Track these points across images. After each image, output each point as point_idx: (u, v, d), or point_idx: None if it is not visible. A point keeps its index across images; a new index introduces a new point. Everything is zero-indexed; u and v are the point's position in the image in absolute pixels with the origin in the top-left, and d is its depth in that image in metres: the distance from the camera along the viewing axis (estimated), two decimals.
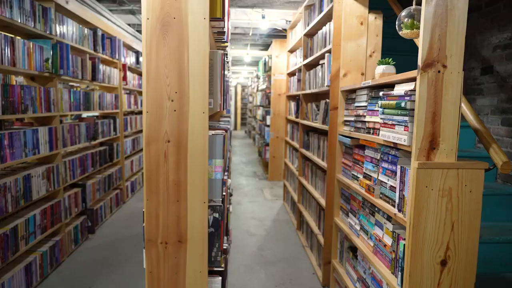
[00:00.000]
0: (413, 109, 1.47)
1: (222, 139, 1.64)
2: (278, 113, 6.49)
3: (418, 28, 1.65)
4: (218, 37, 2.00)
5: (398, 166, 1.62)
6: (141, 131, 6.40)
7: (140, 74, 6.32)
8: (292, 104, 4.62)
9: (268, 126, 6.84)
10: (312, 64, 3.69)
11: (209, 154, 1.63)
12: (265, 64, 7.44)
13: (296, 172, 4.18)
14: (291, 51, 4.87)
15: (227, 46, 2.35)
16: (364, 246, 2.04)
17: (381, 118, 1.75)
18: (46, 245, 3.01)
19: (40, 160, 3.15)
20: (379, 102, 1.78)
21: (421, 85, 1.42)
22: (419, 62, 1.42)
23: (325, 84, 2.86)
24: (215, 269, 1.74)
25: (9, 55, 2.48)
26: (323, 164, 2.98)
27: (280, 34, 6.15)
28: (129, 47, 5.43)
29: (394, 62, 1.89)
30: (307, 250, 3.52)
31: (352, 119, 2.30)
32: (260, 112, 8.19)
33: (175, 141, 1.59)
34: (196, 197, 1.62)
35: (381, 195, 1.85)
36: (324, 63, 3.03)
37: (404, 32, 1.68)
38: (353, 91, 2.31)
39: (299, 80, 4.13)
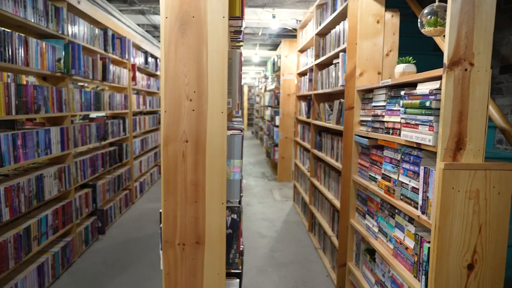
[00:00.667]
0: (439, 109, 1.43)
1: (241, 139, 1.61)
2: (287, 113, 6.45)
3: (442, 25, 1.61)
4: (234, 36, 1.97)
5: (421, 167, 1.58)
6: (149, 131, 6.40)
7: (148, 74, 6.32)
8: (303, 104, 4.58)
9: (277, 126, 6.80)
10: (325, 64, 3.65)
11: (228, 154, 1.60)
12: (274, 64, 7.41)
13: (308, 173, 4.14)
14: (302, 50, 4.83)
15: (241, 46, 2.32)
16: (383, 248, 2.00)
17: (402, 118, 1.71)
18: (57, 245, 3.00)
19: (52, 160, 3.14)
20: (401, 101, 1.74)
21: (447, 84, 1.38)
22: (445, 60, 1.38)
23: (340, 84, 2.82)
24: (232, 271, 1.71)
25: (22, 55, 2.47)
26: (337, 165, 2.94)
27: (289, 34, 6.12)
28: (138, 47, 5.43)
29: (414, 61, 1.85)
30: (320, 252, 3.48)
31: (369, 119, 2.26)
32: (268, 112, 8.15)
33: (194, 141, 1.56)
34: (214, 198, 1.59)
35: (401, 197, 1.81)
36: (337, 63, 2.99)
37: (427, 30, 1.64)
38: (370, 90, 2.27)
39: (310, 80, 4.09)
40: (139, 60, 5.41)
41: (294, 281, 2.98)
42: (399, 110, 1.83)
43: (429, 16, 1.62)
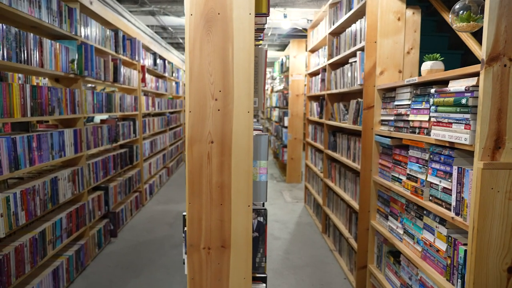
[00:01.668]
0: (476, 106, 1.38)
1: (267, 139, 1.57)
2: (296, 114, 6.40)
3: (475, 20, 1.55)
4: (256, 34, 1.92)
5: (454, 167, 1.53)
6: (158, 133, 6.37)
7: (156, 76, 6.29)
8: (315, 105, 4.53)
9: (285, 127, 6.75)
10: (339, 63, 3.60)
11: (254, 155, 1.55)
12: (282, 64, 7.36)
13: (321, 174, 4.09)
14: (312, 50, 4.78)
15: (260, 44, 2.28)
16: (410, 251, 1.94)
17: (432, 117, 1.66)
18: (71, 249, 2.96)
19: (65, 163, 3.11)
20: (431, 99, 1.68)
21: (486, 80, 1.33)
22: (483, 56, 1.33)
23: (357, 83, 2.77)
24: (258, 275, 1.66)
25: (37, 56, 2.44)
26: (355, 165, 2.88)
27: (298, 34, 6.07)
28: (147, 49, 5.40)
29: (442, 58, 1.80)
30: (336, 254, 3.43)
31: (392, 118, 2.20)
32: (276, 113, 8.10)
33: (219, 141, 1.51)
34: (240, 200, 1.54)
35: (430, 198, 1.75)
36: (354, 62, 2.94)
37: (460, 25, 1.59)
38: (392, 89, 2.22)
39: (323, 80, 4.04)
40: (148, 61, 5.38)
41: (311, 284, 2.93)
42: (427, 108, 1.78)
43: (462, 11, 1.56)
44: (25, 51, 2.30)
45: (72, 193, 2.93)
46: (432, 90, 1.65)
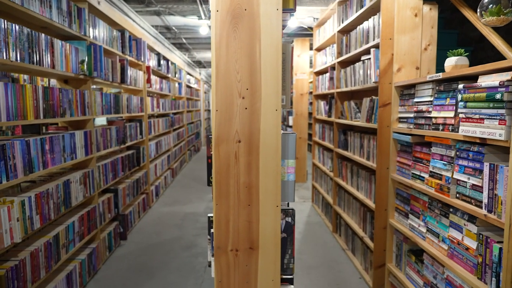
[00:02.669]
0: (511, 101, 1.35)
1: (294, 138, 1.54)
2: (301, 113, 6.38)
3: (506, 14, 1.53)
4: None
5: (486, 164, 1.50)
6: (162, 134, 6.32)
7: (161, 76, 6.25)
8: (322, 103, 4.50)
9: (290, 126, 6.72)
10: (349, 61, 3.57)
11: (282, 154, 1.52)
12: None
13: (331, 173, 4.06)
14: (319, 49, 4.75)
15: None
16: (434, 249, 1.92)
17: (461, 113, 1.63)
18: (83, 253, 2.92)
19: (75, 165, 3.07)
20: (458, 95, 1.66)
21: None
22: None
23: (372, 81, 2.74)
24: (285, 276, 1.63)
25: (49, 57, 2.40)
26: (369, 163, 2.86)
27: (301, 33, 6.05)
28: (152, 49, 5.35)
29: (467, 53, 1.77)
30: (348, 253, 3.40)
31: (411, 115, 2.18)
32: None
33: (246, 141, 1.48)
34: (268, 200, 1.51)
35: (458, 195, 1.73)
36: (367, 59, 2.91)
37: (489, 20, 1.57)
38: (411, 86, 2.19)
39: (331, 78, 4.02)
40: (152, 62, 5.34)
41: (327, 284, 2.90)
42: (452, 104, 1.75)
43: (491, 5, 1.54)
44: (37, 52, 2.26)
45: (84, 196, 2.89)
46: (460, 86, 1.62)
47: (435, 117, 1.91)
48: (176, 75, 7.37)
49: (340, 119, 3.71)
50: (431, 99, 1.96)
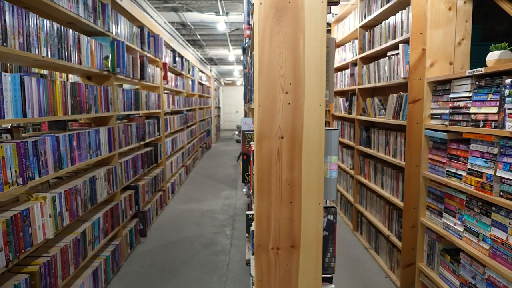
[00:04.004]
0: None
1: (337, 134, 1.50)
2: None
3: None
4: None
5: None
6: (177, 131, 6.31)
7: (175, 73, 6.23)
8: (341, 100, 4.45)
9: None
10: (372, 57, 3.52)
11: (325, 150, 1.48)
12: None
13: (351, 170, 4.01)
14: (338, 45, 4.69)
15: None
16: (474, 249, 1.87)
17: (508, 108, 1.58)
18: (107, 249, 2.92)
19: (97, 162, 3.05)
20: (506, 90, 1.61)
21: None
22: None
23: (400, 76, 2.69)
24: (326, 275, 1.60)
25: (76, 53, 2.38)
26: (396, 161, 2.81)
27: None
28: (167, 46, 5.33)
29: (511, 47, 1.72)
30: (372, 252, 3.35)
31: (446, 111, 2.13)
32: None
33: (289, 137, 1.45)
34: (311, 197, 1.48)
35: (501, 193, 1.68)
36: (393, 55, 2.86)
37: None
38: (446, 81, 2.14)
39: (352, 75, 3.97)
40: (168, 59, 5.32)
41: (353, 283, 2.86)
42: (496, 100, 1.70)
43: None
44: (66, 48, 2.24)
45: (108, 192, 2.88)
46: (508, 81, 1.57)
47: (475, 113, 1.86)
48: (190, 72, 7.35)
49: (362, 116, 3.66)
50: (470, 94, 1.91)
